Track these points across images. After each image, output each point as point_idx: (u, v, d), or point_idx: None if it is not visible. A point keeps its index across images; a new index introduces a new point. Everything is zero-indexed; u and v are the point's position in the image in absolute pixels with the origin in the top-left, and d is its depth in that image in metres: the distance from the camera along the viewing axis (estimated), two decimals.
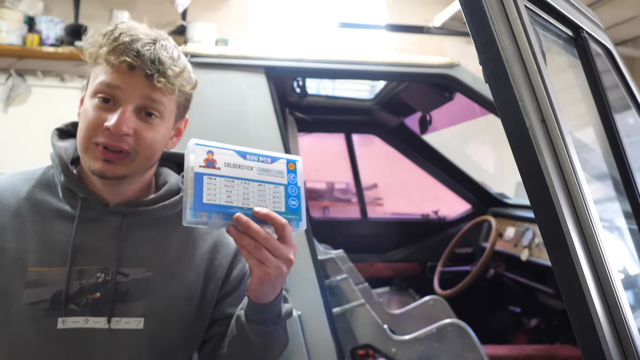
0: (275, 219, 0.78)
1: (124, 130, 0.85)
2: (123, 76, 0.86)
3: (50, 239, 0.89)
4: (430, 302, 2.17)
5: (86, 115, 0.88)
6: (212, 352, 1.01)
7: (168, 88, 0.88)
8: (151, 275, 0.93)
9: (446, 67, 1.70)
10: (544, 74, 0.69)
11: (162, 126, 0.92)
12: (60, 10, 3.94)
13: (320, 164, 3.84)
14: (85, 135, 0.87)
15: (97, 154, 0.87)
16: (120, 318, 0.89)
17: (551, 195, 0.66)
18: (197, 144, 0.77)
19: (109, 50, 0.85)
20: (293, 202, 0.82)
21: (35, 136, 3.69)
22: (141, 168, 0.92)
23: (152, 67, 0.85)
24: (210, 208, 0.75)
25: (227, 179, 0.77)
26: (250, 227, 0.76)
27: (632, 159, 1.04)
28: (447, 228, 2.98)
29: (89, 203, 0.92)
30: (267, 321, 0.88)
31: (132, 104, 0.87)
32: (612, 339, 0.64)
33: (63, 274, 0.88)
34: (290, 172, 0.83)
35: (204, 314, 1.00)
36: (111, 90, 0.86)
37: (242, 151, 0.80)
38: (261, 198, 0.79)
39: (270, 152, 0.83)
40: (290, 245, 0.80)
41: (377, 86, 3.39)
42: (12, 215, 0.90)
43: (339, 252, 2.19)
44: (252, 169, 0.80)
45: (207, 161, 0.77)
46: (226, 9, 4.27)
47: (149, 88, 0.87)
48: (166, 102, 0.90)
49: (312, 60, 1.62)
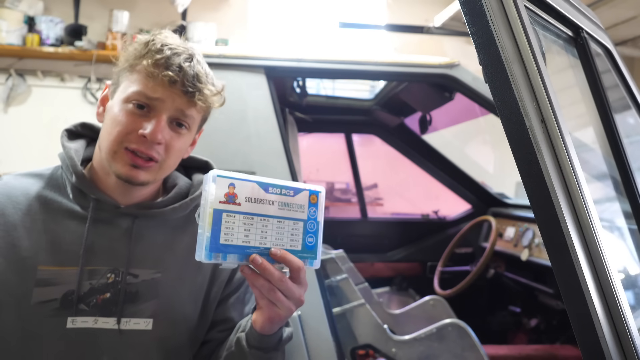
0: (292, 262, 0.75)
1: (159, 138, 0.87)
2: (163, 89, 0.88)
3: (62, 239, 0.90)
4: (430, 302, 2.17)
5: (118, 119, 0.88)
6: (207, 356, 1.02)
7: (204, 107, 0.92)
8: (160, 277, 0.94)
9: (446, 67, 1.70)
10: (543, 74, 0.69)
11: (188, 137, 0.95)
12: (60, 10, 3.94)
13: (320, 164, 3.85)
14: (116, 139, 0.88)
15: (126, 159, 0.88)
16: (129, 319, 0.90)
17: (551, 195, 0.66)
18: (219, 176, 0.72)
19: (152, 63, 0.87)
20: (310, 239, 0.79)
21: (35, 136, 3.70)
22: (164, 175, 0.95)
23: (192, 85, 0.88)
24: (227, 249, 0.72)
25: (247, 216, 0.73)
26: (266, 270, 0.74)
27: (632, 159, 1.04)
28: (447, 228, 2.98)
29: (100, 204, 0.93)
30: (268, 348, 0.88)
31: (167, 114, 0.89)
32: (611, 339, 0.64)
33: (74, 273, 0.88)
34: (312, 205, 0.79)
35: (207, 315, 1.00)
36: (148, 100, 0.88)
37: (264, 183, 0.76)
38: (279, 236, 0.76)
39: (294, 183, 0.79)
40: (302, 285, 0.79)
41: (377, 86, 3.40)
42: (23, 213, 0.91)
43: (339, 252, 2.19)
44: (273, 204, 0.76)
45: (228, 196, 0.72)
46: (226, 9, 4.27)
47: (185, 103, 0.90)
48: (196, 117, 0.94)
49: (312, 60, 1.62)
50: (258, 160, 1.47)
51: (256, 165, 1.46)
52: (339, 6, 4.45)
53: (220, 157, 1.45)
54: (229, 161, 1.46)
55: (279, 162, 1.48)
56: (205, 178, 0.73)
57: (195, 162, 1.09)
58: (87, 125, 1.03)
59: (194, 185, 1.04)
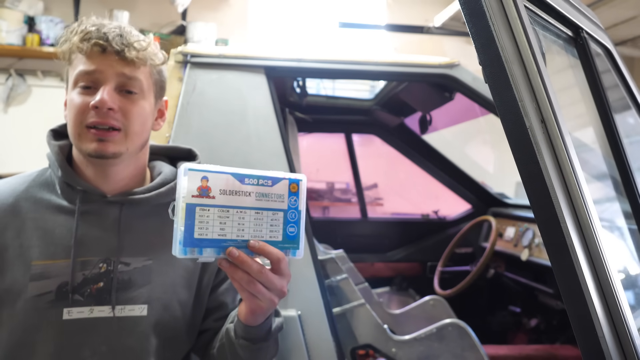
0: (271, 253, 0.74)
1: (108, 103, 0.89)
2: (97, 60, 0.91)
3: (52, 233, 0.92)
4: (430, 302, 2.17)
5: (72, 104, 0.92)
6: (204, 345, 1.03)
7: (140, 60, 0.93)
8: (152, 264, 0.96)
9: (446, 67, 1.70)
10: (543, 74, 0.69)
11: (144, 102, 0.96)
12: (60, 10, 3.94)
13: (320, 164, 3.84)
14: (75, 122, 0.91)
15: (90, 137, 0.90)
16: (124, 306, 0.92)
17: (551, 195, 0.66)
18: (190, 169, 0.70)
19: (80, 40, 0.91)
20: (292, 228, 0.77)
21: (35, 136, 3.69)
22: (134, 146, 0.95)
23: (120, 44, 0.91)
24: (202, 243, 0.70)
25: (222, 208, 0.71)
26: (244, 262, 0.72)
27: (632, 159, 1.04)
28: (447, 228, 2.98)
29: (87, 195, 0.95)
30: (256, 339, 0.89)
31: (111, 83, 0.91)
32: (611, 339, 0.64)
33: (67, 265, 0.90)
34: (292, 194, 0.77)
35: (201, 301, 1.02)
36: (90, 76, 0.91)
37: (240, 174, 0.74)
38: (257, 227, 0.74)
39: (272, 172, 0.76)
40: (284, 276, 0.77)
41: (377, 86, 3.39)
42: (13, 214, 0.93)
43: (339, 252, 2.19)
44: (249, 195, 0.74)
45: (201, 189, 0.71)
46: (226, 9, 4.27)
47: (122, 64, 0.92)
48: (142, 78, 0.95)
49: (312, 60, 1.62)
50: (258, 160, 1.47)
51: (256, 165, 1.46)
52: (339, 6, 4.44)
53: (220, 157, 1.45)
54: (229, 161, 1.46)
55: (279, 162, 1.49)
56: (177, 172, 0.72)
57: (179, 152, 1.11)
58: None
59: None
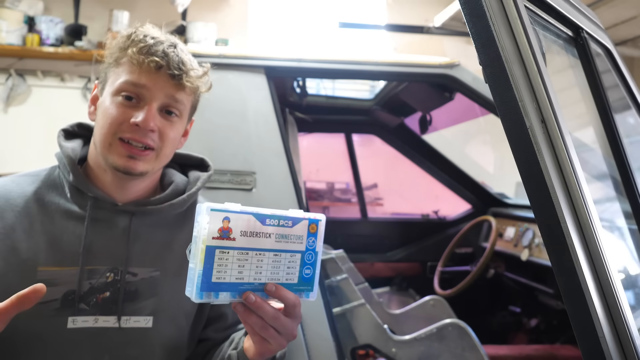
0: (287, 298, 0.72)
1: (151, 125, 0.88)
2: (149, 75, 0.89)
3: (60, 239, 0.90)
4: (430, 302, 2.17)
5: (109, 112, 0.89)
6: (201, 354, 1.02)
7: (192, 88, 0.93)
8: (159, 275, 0.94)
9: (446, 67, 1.70)
10: (543, 74, 0.69)
11: (180, 125, 0.95)
12: (60, 10, 3.94)
13: (320, 164, 3.84)
14: (109, 131, 0.89)
15: (121, 151, 0.89)
16: (129, 317, 0.90)
17: (551, 195, 0.66)
18: (213, 210, 0.66)
19: (136, 51, 0.88)
20: (307, 270, 0.75)
21: (35, 136, 3.70)
22: (160, 165, 0.95)
23: (177, 68, 0.89)
24: (219, 287, 0.67)
25: (242, 251, 0.68)
26: (260, 308, 0.70)
27: (632, 159, 1.04)
28: (447, 228, 2.98)
29: (98, 202, 0.93)
30: None
31: (157, 102, 0.90)
32: (611, 339, 0.64)
33: (74, 273, 0.88)
34: (311, 235, 0.74)
35: (204, 312, 1.01)
36: (136, 88, 0.89)
37: (261, 214, 0.70)
38: (275, 270, 0.72)
39: (292, 212, 0.73)
40: (296, 319, 0.75)
41: (377, 86, 3.40)
42: (21, 215, 0.91)
43: (339, 252, 2.19)
44: (269, 237, 0.71)
45: (222, 230, 0.67)
46: (226, 9, 4.27)
47: (173, 88, 0.91)
48: (186, 102, 0.94)
49: (312, 60, 1.62)
50: (258, 161, 1.47)
51: (256, 165, 1.46)
52: (339, 6, 4.44)
53: (220, 157, 1.45)
54: (229, 161, 1.46)
55: (279, 162, 1.48)
56: (197, 210, 0.68)
57: (191, 160, 1.10)
58: (83, 125, 1.04)
59: (191, 182, 1.04)
